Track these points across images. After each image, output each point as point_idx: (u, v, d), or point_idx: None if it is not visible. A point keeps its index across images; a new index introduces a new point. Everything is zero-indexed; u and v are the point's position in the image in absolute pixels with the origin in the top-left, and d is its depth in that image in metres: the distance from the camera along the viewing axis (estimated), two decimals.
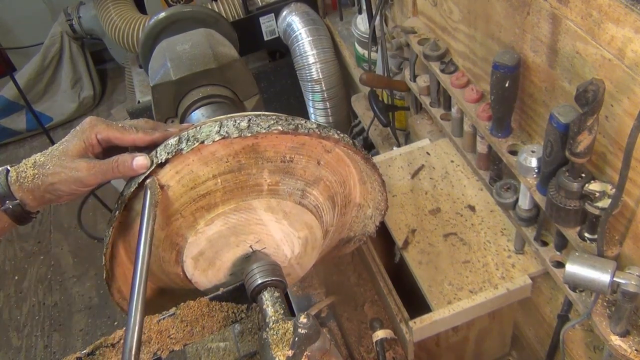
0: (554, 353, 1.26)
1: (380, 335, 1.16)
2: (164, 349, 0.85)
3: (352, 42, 2.22)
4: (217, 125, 0.83)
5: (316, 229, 0.96)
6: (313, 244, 0.98)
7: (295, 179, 0.90)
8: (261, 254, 0.92)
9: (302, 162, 0.90)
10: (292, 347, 0.74)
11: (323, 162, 0.93)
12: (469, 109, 1.24)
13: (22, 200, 0.84)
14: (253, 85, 1.42)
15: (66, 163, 0.84)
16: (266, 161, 0.87)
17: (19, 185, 0.84)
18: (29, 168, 0.84)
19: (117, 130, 0.87)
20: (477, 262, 1.25)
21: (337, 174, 0.97)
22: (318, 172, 0.93)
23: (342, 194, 1.01)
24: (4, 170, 0.86)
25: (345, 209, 1.05)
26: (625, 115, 0.83)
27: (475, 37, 1.22)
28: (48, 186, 0.83)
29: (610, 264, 0.84)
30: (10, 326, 2.71)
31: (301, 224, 0.93)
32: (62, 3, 3.27)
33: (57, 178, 0.83)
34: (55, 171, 0.83)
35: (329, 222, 1.00)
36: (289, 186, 0.90)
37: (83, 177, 0.83)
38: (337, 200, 1.00)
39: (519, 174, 1.08)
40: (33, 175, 0.84)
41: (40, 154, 0.86)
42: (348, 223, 1.11)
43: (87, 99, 3.73)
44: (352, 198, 1.06)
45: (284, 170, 0.89)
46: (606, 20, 0.81)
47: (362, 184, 1.05)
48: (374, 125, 1.98)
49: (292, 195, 0.91)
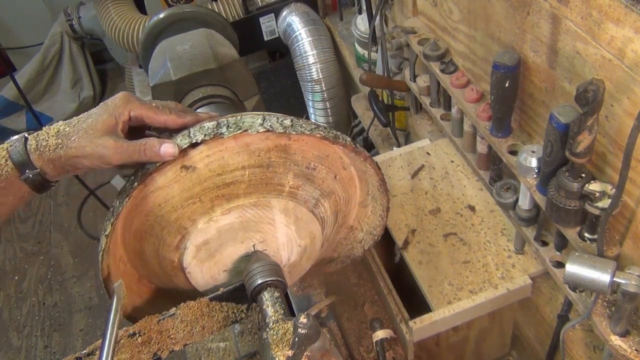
0: (554, 353, 1.26)
1: (380, 335, 1.16)
2: (164, 349, 0.85)
3: (352, 42, 2.22)
4: (261, 118, 0.83)
5: (317, 240, 0.98)
6: (309, 255, 0.99)
7: (314, 187, 0.93)
8: (262, 254, 0.92)
9: (322, 172, 0.93)
10: (292, 347, 0.74)
11: (339, 178, 0.96)
12: (469, 109, 1.24)
13: (41, 169, 0.82)
14: (253, 86, 1.43)
15: (93, 138, 0.81)
16: (294, 164, 0.90)
17: (39, 154, 0.81)
18: (51, 137, 0.82)
19: (150, 110, 0.85)
20: (477, 262, 1.25)
21: (346, 191, 1.00)
22: (333, 185, 0.96)
23: (343, 212, 1.04)
24: (21, 138, 0.83)
25: (339, 228, 1.07)
26: (625, 115, 0.83)
27: (475, 37, 1.22)
28: (71, 158, 0.81)
29: (610, 264, 0.84)
30: (10, 326, 2.71)
31: (306, 232, 0.95)
32: (62, 3, 3.27)
33: (82, 152, 0.80)
34: (80, 144, 0.80)
35: (327, 236, 1.02)
36: (307, 193, 0.92)
37: (109, 155, 0.81)
38: (339, 218, 1.03)
39: (519, 174, 1.08)
40: (56, 145, 0.81)
41: (65, 123, 0.83)
42: (335, 243, 1.13)
43: (87, 99, 3.73)
44: (347, 220, 1.08)
45: (307, 176, 0.91)
46: (606, 20, 0.81)
47: (362, 207, 1.08)
48: (374, 125, 1.98)
49: (308, 202, 0.93)
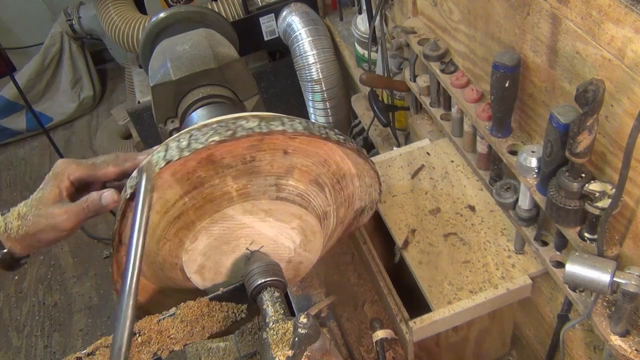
0: (554, 353, 1.26)
1: (380, 335, 1.16)
2: (164, 349, 0.85)
3: (352, 42, 2.22)
4: (164, 149, 0.82)
5: (307, 216, 0.93)
6: (312, 229, 0.95)
7: (263, 176, 0.88)
8: (260, 254, 0.92)
9: (266, 157, 0.87)
10: (292, 347, 0.74)
11: (291, 150, 0.89)
12: (469, 109, 1.24)
13: (10, 250, 0.88)
14: (253, 85, 1.42)
15: (43, 212, 0.86)
16: (226, 168, 0.86)
17: (7, 236, 0.87)
18: (14, 219, 0.88)
19: (88, 169, 0.90)
20: (477, 262, 1.25)
21: (312, 155, 0.92)
22: (288, 161, 0.89)
23: (327, 172, 0.96)
24: None
25: (340, 184, 1.00)
26: (625, 115, 0.83)
27: (475, 37, 1.22)
28: (32, 236, 0.87)
29: (610, 264, 0.85)
30: (10, 326, 2.71)
31: (288, 215, 0.91)
32: (62, 3, 3.27)
33: (38, 227, 0.86)
34: (35, 221, 0.86)
35: (322, 204, 0.96)
36: (259, 185, 0.88)
37: (59, 223, 0.86)
38: (324, 180, 0.95)
39: (519, 174, 1.08)
40: (17, 227, 0.87)
41: (23, 204, 0.89)
42: (355, 194, 1.06)
43: (87, 99, 3.73)
44: (346, 171, 1.00)
45: (248, 171, 0.87)
46: (606, 20, 0.81)
47: (349, 156, 1.01)
48: (374, 125, 1.99)
49: (266, 193, 0.88)
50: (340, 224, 1.06)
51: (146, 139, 2.53)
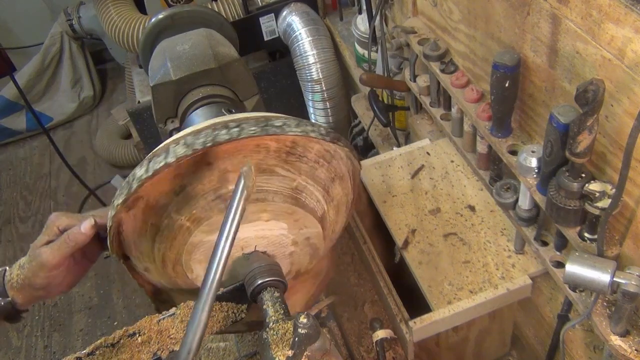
0: (554, 353, 1.26)
1: (380, 335, 1.16)
2: (164, 349, 0.85)
3: (352, 42, 2.22)
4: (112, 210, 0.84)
5: (272, 205, 0.89)
6: (289, 210, 0.90)
7: (201, 197, 0.86)
8: (260, 254, 0.92)
9: (194, 179, 0.86)
10: (292, 347, 0.74)
11: (213, 159, 0.86)
12: (469, 109, 1.24)
13: (12, 299, 0.91)
14: (253, 85, 1.42)
15: (33, 256, 0.91)
16: (165, 207, 0.86)
17: (10, 285, 0.92)
18: (15, 269, 0.92)
19: (75, 219, 0.94)
20: (477, 262, 1.25)
21: (238, 150, 0.87)
22: (216, 171, 0.86)
23: (266, 155, 0.89)
24: (2, 270, 0.94)
25: (294, 154, 0.90)
26: (625, 115, 0.83)
27: (475, 37, 1.22)
28: (28, 283, 0.90)
29: (610, 264, 0.85)
30: (10, 326, 2.71)
31: (252, 214, 0.89)
32: (62, 3, 3.27)
33: (31, 272, 0.90)
34: (29, 267, 0.90)
35: (284, 184, 0.89)
36: (203, 206, 0.86)
37: (44, 260, 0.89)
38: (269, 163, 0.89)
39: (519, 174, 1.08)
40: (17, 276, 0.92)
41: (25, 257, 0.93)
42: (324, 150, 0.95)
43: (87, 99, 3.73)
44: (292, 140, 0.90)
45: (185, 199, 0.86)
46: (606, 20, 0.81)
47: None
48: (374, 125, 1.99)
49: (214, 209, 0.86)
50: (333, 181, 0.96)
51: (146, 139, 2.53)
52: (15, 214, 3.25)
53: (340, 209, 0.99)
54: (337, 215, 0.99)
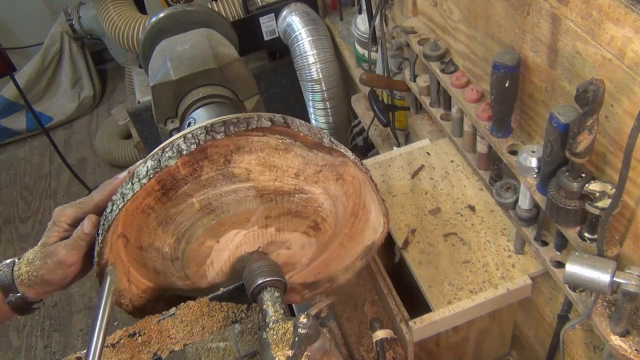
0: (554, 353, 1.26)
1: (380, 335, 1.16)
2: (164, 349, 0.85)
3: (352, 42, 2.22)
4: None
5: (203, 234, 0.88)
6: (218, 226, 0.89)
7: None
8: (260, 254, 0.92)
9: (135, 276, 0.94)
10: (292, 347, 0.74)
11: (128, 237, 0.90)
12: (469, 109, 1.24)
13: (23, 294, 0.91)
14: (253, 85, 1.42)
15: (47, 253, 0.90)
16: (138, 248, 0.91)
17: (20, 281, 0.91)
18: (23, 265, 0.91)
19: (78, 208, 0.93)
20: (477, 262, 1.25)
21: (137, 216, 0.88)
22: (138, 248, 0.91)
23: (156, 212, 0.89)
24: (11, 263, 0.93)
25: (171, 194, 0.87)
26: (625, 115, 0.83)
27: (475, 37, 1.22)
28: (41, 280, 0.90)
29: (610, 264, 0.84)
30: (10, 326, 2.71)
31: (201, 251, 0.90)
32: (62, 3, 3.27)
33: (45, 269, 0.89)
34: (41, 264, 0.90)
35: (191, 213, 0.87)
36: (168, 281, 0.92)
37: (62, 258, 0.89)
38: (164, 217, 0.89)
39: (519, 174, 1.08)
40: (27, 273, 0.90)
41: (31, 251, 0.93)
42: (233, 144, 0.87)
43: (87, 99, 3.73)
44: (190, 166, 0.86)
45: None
46: (606, 20, 0.81)
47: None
48: (374, 125, 1.98)
49: (174, 276, 0.93)
50: (231, 161, 0.87)
51: (146, 139, 2.53)
52: (15, 214, 3.25)
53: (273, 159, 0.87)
54: (276, 167, 0.87)
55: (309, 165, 0.89)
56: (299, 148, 0.88)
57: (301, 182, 0.89)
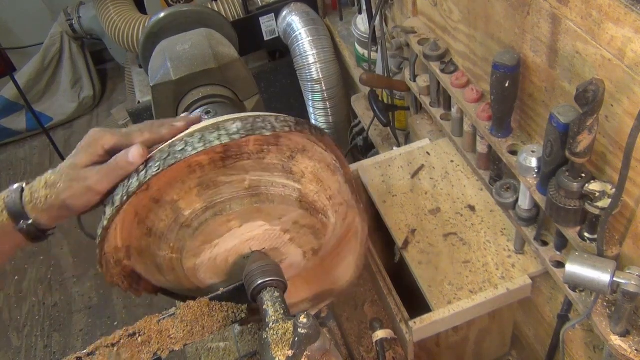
0: (554, 353, 1.26)
1: (380, 335, 1.16)
2: (164, 349, 0.85)
3: (352, 42, 2.22)
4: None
5: (231, 214, 0.88)
6: (253, 210, 0.89)
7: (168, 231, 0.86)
8: (260, 254, 0.92)
9: (153, 218, 0.87)
10: (292, 347, 0.74)
11: (157, 194, 0.86)
12: (469, 109, 1.24)
13: (36, 220, 0.85)
14: (253, 85, 1.42)
15: (75, 175, 0.83)
16: (149, 248, 0.88)
17: (33, 206, 0.84)
18: (41, 188, 0.84)
19: (122, 137, 0.87)
20: (477, 262, 1.25)
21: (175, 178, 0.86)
22: (166, 205, 0.87)
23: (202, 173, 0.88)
24: (19, 189, 0.86)
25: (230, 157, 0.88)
26: (625, 115, 0.83)
27: (475, 37, 1.22)
28: (61, 204, 0.83)
29: (610, 264, 0.85)
30: (10, 326, 2.71)
31: (219, 230, 0.88)
32: (62, 3, 3.27)
33: (69, 193, 0.83)
34: (66, 187, 0.83)
35: (232, 190, 0.87)
36: (174, 238, 0.87)
37: (92, 184, 0.82)
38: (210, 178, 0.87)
39: (519, 174, 1.08)
40: (46, 196, 0.84)
41: (52, 172, 0.86)
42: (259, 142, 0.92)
43: (87, 99, 3.73)
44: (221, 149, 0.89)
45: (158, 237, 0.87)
46: (606, 20, 0.81)
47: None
48: (374, 125, 1.99)
49: (185, 237, 0.87)
50: (292, 158, 0.91)
51: None
52: None
53: (322, 174, 0.93)
54: (322, 182, 0.93)
55: (340, 195, 0.96)
56: (340, 176, 0.96)
57: (329, 206, 0.95)
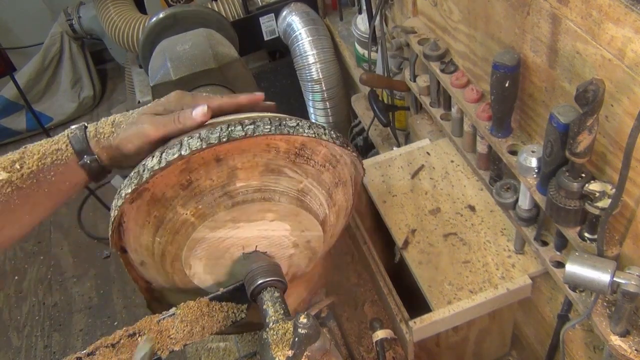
0: (554, 353, 1.26)
1: (380, 335, 1.16)
2: (164, 349, 0.85)
3: (352, 42, 2.22)
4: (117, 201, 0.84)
5: (277, 205, 0.89)
6: (293, 212, 0.91)
7: (208, 192, 0.86)
8: (260, 254, 0.92)
9: (201, 175, 0.85)
10: (292, 347, 0.74)
11: (222, 155, 0.86)
12: (469, 109, 1.24)
13: (98, 156, 0.87)
14: (253, 85, 1.43)
15: (136, 120, 0.86)
16: (171, 200, 0.85)
17: (97, 141, 0.86)
18: (107, 125, 0.87)
19: (202, 99, 0.89)
20: (477, 262, 1.25)
21: (249, 148, 0.87)
22: (225, 167, 0.86)
23: (276, 155, 0.89)
24: (82, 126, 0.88)
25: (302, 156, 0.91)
26: (625, 115, 0.83)
27: (475, 37, 1.22)
28: (119, 143, 0.85)
29: (610, 264, 0.84)
30: (10, 326, 2.71)
31: (256, 214, 0.88)
32: (62, 3, 3.27)
33: (126, 134, 0.85)
34: (126, 129, 0.85)
35: (291, 185, 0.90)
36: (209, 202, 0.86)
37: (146, 129, 0.84)
38: (278, 164, 0.89)
39: (519, 174, 1.08)
40: (110, 132, 0.86)
41: (120, 115, 0.88)
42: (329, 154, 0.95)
43: (87, 99, 3.73)
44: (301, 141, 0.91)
45: (192, 194, 0.85)
46: (606, 20, 0.81)
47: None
48: (374, 125, 1.99)
49: (220, 205, 0.86)
50: (336, 186, 0.97)
51: None
52: None
53: (340, 214, 1.00)
54: (337, 220, 1.00)
55: (334, 238, 1.02)
56: (344, 225, 1.02)
57: (327, 242, 0.99)
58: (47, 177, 0.86)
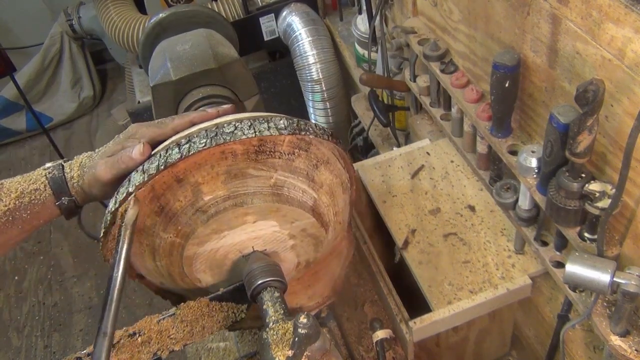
0: (554, 353, 1.26)
1: (380, 335, 1.16)
2: (164, 349, 0.85)
3: (352, 42, 2.22)
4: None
5: (251, 207, 0.88)
6: (272, 208, 0.90)
7: (181, 213, 0.86)
8: (260, 254, 0.92)
9: (168, 198, 0.86)
10: (292, 347, 0.74)
11: (182, 175, 0.85)
12: (469, 109, 1.24)
13: (75, 197, 0.89)
14: (253, 86, 1.43)
15: (93, 163, 0.88)
16: (152, 228, 0.87)
17: (72, 184, 0.89)
18: (76, 167, 0.89)
19: (156, 127, 0.90)
20: (477, 262, 1.25)
21: (205, 160, 0.85)
22: (188, 185, 0.86)
23: (234, 160, 0.87)
24: (58, 166, 0.90)
25: (264, 152, 0.88)
26: (625, 115, 0.83)
27: (475, 37, 1.22)
28: (85, 186, 0.88)
29: (610, 264, 0.84)
30: (10, 326, 2.71)
31: (235, 220, 0.88)
32: (62, 3, 3.27)
33: (88, 178, 0.87)
34: (87, 172, 0.88)
35: (260, 184, 0.88)
36: (186, 222, 0.86)
37: (98, 173, 0.86)
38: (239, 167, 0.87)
39: (519, 174, 1.08)
40: (78, 176, 0.89)
41: (87, 155, 0.91)
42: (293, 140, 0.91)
43: (87, 99, 3.73)
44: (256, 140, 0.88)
45: (168, 218, 0.86)
46: (606, 20, 0.81)
47: None
48: (374, 125, 1.99)
49: (197, 222, 0.86)
50: (316, 168, 0.93)
51: None
52: None
53: (336, 190, 0.96)
54: (333, 197, 0.96)
55: (342, 213, 1.00)
56: (348, 195, 1.00)
57: (332, 221, 0.97)
58: (22, 215, 0.88)
